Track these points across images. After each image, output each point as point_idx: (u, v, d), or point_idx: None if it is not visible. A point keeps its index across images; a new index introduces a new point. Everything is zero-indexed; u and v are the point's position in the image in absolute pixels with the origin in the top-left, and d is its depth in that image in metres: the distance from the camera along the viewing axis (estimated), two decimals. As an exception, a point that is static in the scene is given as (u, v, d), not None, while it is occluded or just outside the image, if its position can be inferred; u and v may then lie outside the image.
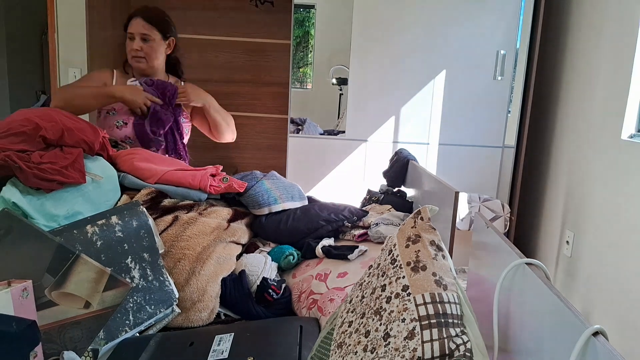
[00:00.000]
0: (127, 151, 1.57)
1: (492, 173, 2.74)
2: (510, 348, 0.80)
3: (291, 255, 1.44)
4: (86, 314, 1.04)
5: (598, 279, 2.09)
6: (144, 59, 1.86)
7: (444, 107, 2.70)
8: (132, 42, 1.85)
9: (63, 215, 1.15)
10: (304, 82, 2.92)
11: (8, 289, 0.90)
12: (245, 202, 1.51)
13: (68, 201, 1.18)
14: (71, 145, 1.30)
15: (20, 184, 1.13)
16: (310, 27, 2.85)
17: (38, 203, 1.12)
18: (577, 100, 2.39)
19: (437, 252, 0.78)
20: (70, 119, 1.36)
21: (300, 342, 1.02)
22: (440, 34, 2.63)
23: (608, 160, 2.07)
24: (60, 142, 1.29)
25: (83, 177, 1.24)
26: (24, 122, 1.24)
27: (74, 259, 1.03)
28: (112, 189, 1.35)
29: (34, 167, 1.14)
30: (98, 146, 1.39)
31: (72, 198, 1.20)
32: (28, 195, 1.12)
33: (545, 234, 2.62)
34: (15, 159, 1.13)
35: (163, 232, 1.29)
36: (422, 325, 0.69)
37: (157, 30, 1.86)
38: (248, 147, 3.18)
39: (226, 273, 1.30)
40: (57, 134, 1.27)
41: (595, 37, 2.26)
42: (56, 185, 1.16)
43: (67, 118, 1.35)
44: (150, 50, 1.86)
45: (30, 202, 1.11)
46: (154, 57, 1.88)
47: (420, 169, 1.81)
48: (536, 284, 0.72)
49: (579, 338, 0.56)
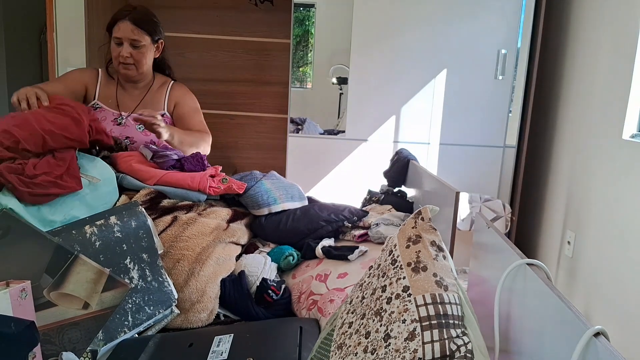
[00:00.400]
0: (126, 152, 1.56)
1: (493, 173, 2.73)
2: (511, 349, 0.80)
3: (291, 255, 1.43)
4: (85, 314, 1.04)
5: (599, 279, 2.08)
6: (134, 66, 1.75)
7: (444, 107, 2.69)
8: (120, 47, 1.72)
9: (60, 221, 1.14)
10: (304, 81, 2.92)
11: (6, 289, 0.89)
12: (245, 203, 1.51)
13: (65, 205, 1.17)
14: (60, 148, 1.23)
15: None
16: (310, 26, 2.84)
17: (34, 209, 1.11)
18: (579, 100, 2.38)
19: (437, 252, 0.77)
20: (48, 120, 1.24)
21: (300, 343, 1.02)
22: (441, 33, 2.63)
23: (609, 161, 2.07)
24: (47, 148, 1.21)
25: (79, 184, 1.20)
26: (3, 135, 1.17)
27: (73, 259, 1.03)
28: (110, 190, 1.33)
29: (29, 182, 1.10)
30: (88, 137, 1.29)
31: (69, 202, 1.18)
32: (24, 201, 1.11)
33: (547, 234, 2.61)
34: (7, 177, 1.07)
35: (162, 233, 1.29)
36: (422, 326, 0.68)
37: (147, 34, 1.74)
38: (248, 147, 3.18)
39: (225, 274, 1.30)
40: (38, 143, 1.19)
41: (597, 36, 2.25)
42: (53, 197, 1.14)
43: (45, 120, 1.23)
44: (141, 56, 1.75)
45: (27, 208, 1.10)
46: (144, 63, 1.77)
47: (420, 169, 1.80)
48: (537, 284, 0.71)
49: (580, 339, 0.55)
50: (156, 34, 1.79)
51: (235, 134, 3.21)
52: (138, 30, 1.72)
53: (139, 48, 1.74)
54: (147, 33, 1.75)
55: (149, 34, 1.75)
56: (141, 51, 1.74)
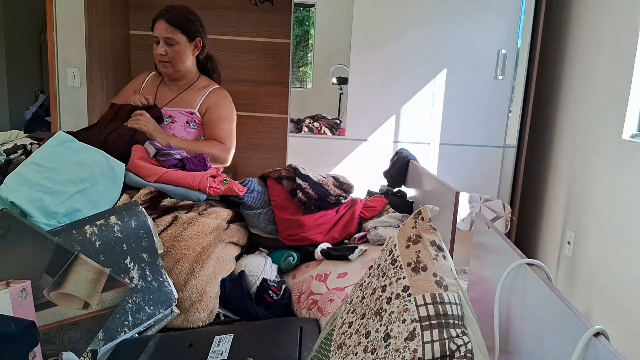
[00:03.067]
0: (133, 147, 1.55)
1: (493, 173, 2.73)
2: (511, 349, 0.80)
3: (291, 256, 1.43)
4: (85, 314, 1.04)
5: (599, 279, 2.08)
6: (170, 64, 1.82)
7: (444, 107, 2.69)
8: (157, 46, 1.80)
9: (62, 212, 1.14)
10: (304, 81, 2.92)
11: (7, 289, 0.89)
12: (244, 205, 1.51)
13: (67, 196, 1.17)
14: None
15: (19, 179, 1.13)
16: (310, 26, 2.84)
17: (38, 200, 1.11)
18: (579, 99, 2.38)
19: (437, 252, 0.77)
20: None
21: (300, 343, 1.02)
22: (441, 32, 2.63)
23: (609, 160, 2.07)
24: None
25: None
26: None
27: (73, 259, 1.03)
28: (110, 185, 1.33)
29: None
30: None
31: (69, 193, 1.18)
32: (28, 191, 1.12)
33: (547, 234, 2.62)
34: None
35: (162, 232, 1.29)
36: (422, 326, 0.68)
37: (182, 32, 1.79)
38: (248, 147, 3.18)
39: (226, 274, 1.30)
40: None
41: (597, 36, 2.25)
42: None
43: None
44: (175, 54, 1.81)
45: (30, 199, 1.10)
46: (179, 60, 1.82)
47: (420, 169, 1.80)
48: (537, 284, 0.71)
49: (580, 339, 0.55)
50: (192, 33, 1.83)
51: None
52: (172, 29, 1.78)
53: (174, 46, 1.80)
54: (182, 31, 1.80)
55: (184, 33, 1.80)
56: (175, 49, 1.80)
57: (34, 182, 1.15)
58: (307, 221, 1.43)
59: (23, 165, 1.21)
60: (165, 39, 1.78)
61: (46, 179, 1.17)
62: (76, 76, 2.76)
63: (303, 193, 1.42)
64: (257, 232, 1.49)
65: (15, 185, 1.13)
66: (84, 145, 1.35)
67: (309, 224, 1.44)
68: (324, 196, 1.44)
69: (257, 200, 1.46)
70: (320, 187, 1.45)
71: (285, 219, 1.44)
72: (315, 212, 1.45)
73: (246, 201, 1.45)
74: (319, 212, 1.46)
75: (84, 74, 2.75)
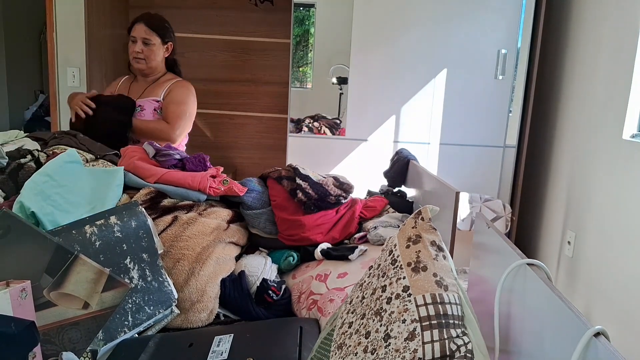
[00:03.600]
0: (132, 148, 1.56)
1: (493, 173, 2.73)
2: (511, 349, 0.80)
3: (291, 256, 1.43)
4: (85, 314, 1.04)
5: (599, 279, 2.08)
6: (144, 60, 2.10)
7: (444, 107, 2.69)
8: (134, 44, 2.08)
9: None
10: (304, 81, 2.91)
11: (6, 289, 0.89)
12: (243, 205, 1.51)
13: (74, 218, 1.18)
14: None
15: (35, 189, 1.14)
16: (310, 26, 2.84)
17: (49, 212, 1.12)
18: (579, 99, 2.38)
19: (437, 252, 0.77)
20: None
21: (300, 343, 1.02)
22: (441, 32, 2.63)
23: (609, 161, 2.07)
24: None
25: None
26: None
27: (73, 259, 1.03)
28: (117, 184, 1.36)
29: None
30: None
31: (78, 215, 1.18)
32: (41, 202, 1.12)
33: (547, 234, 2.61)
34: None
35: (162, 232, 1.29)
36: (422, 326, 0.68)
37: (157, 35, 2.10)
38: (248, 146, 3.18)
39: (225, 274, 1.30)
40: None
41: (597, 36, 2.25)
42: None
43: None
44: (150, 52, 2.10)
45: (43, 211, 1.11)
46: (153, 58, 2.11)
47: (420, 168, 1.80)
48: (537, 284, 0.71)
49: (580, 339, 0.55)
50: (166, 37, 2.14)
51: (235, 134, 3.21)
52: (149, 31, 2.09)
53: (150, 46, 2.09)
54: (158, 34, 2.10)
55: (160, 36, 2.11)
56: (151, 48, 2.10)
57: (47, 195, 1.17)
58: (307, 221, 1.43)
59: (38, 174, 1.23)
60: (143, 39, 2.08)
61: (57, 195, 1.20)
62: (76, 76, 2.76)
63: (303, 193, 1.42)
64: (257, 232, 1.48)
65: (31, 194, 1.14)
66: (92, 169, 1.37)
67: (309, 224, 1.44)
68: (324, 196, 1.44)
69: (257, 201, 1.46)
70: (320, 187, 1.45)
71: (285, 219, 1.44)
72: (315, 212, 1.45)
73: (246, 201, 1.45)
74: (319, 212, 1.46)
75: (84, 74, 2.75)
